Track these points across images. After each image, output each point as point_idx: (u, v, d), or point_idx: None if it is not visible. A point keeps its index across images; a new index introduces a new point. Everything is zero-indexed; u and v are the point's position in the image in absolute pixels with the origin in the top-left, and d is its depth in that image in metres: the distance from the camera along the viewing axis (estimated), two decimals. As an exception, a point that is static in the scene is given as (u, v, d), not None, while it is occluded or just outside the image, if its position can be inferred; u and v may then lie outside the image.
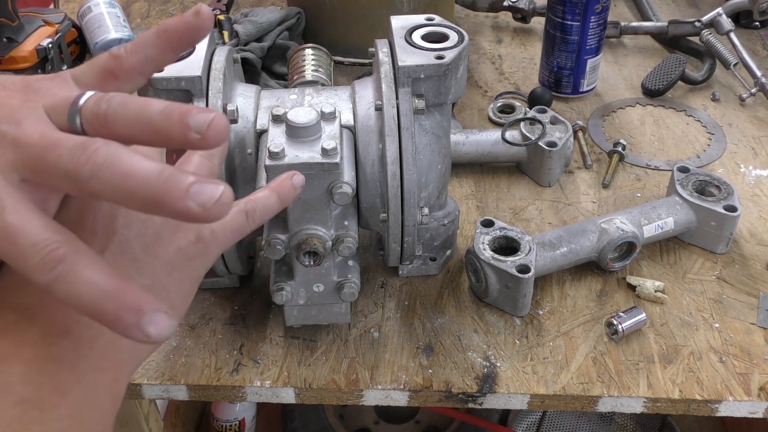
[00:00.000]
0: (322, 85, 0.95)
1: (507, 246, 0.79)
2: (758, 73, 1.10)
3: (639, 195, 0.95)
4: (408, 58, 0.71)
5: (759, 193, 0.95)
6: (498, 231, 0.80)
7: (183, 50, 0.44)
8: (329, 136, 0.66)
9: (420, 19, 0.77)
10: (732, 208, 0.83)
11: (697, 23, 1.19)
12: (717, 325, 0.77)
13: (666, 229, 0.84)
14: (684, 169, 0.88)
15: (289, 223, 0.68)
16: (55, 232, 0.36)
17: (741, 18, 1.28)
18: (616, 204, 0.93)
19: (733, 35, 1.15)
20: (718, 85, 1.17)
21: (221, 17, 1.17)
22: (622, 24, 1.25)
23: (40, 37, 1.13)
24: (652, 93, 1.14)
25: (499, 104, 1.10)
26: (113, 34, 1.19)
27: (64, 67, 1.17)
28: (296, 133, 0.66)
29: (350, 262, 0.73)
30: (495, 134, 0.97)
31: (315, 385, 0.72)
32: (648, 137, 1.06)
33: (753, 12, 1.21)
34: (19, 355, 0.39)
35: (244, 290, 0.82)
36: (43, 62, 1.13)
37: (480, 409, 0.74)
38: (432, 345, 0.76)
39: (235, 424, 1.31)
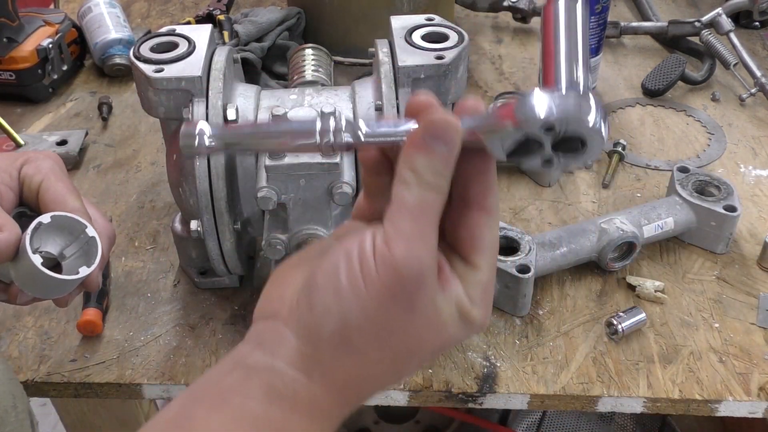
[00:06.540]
0: (322, 85, 0.95)
1: (507, 246, 0.79)
2: (758, 73, 1.10)
3: (639, 195, 0.95)
4: (408, 58, 0.71)
5: (759, 193, 0.95)
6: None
7: None
8: (329, 136, 0.66)
9: (420, 19, 0.77)
10: (732, 208, 0.83)
11: (697, 23, 1.19)
12: (717, 325, 0.77)
13: (666, 229, 0.84)
14: (684, 169, 0.88)
15: (289, 223, 0.68)
16: None
17: (741, 18, 1.28)
18: (616, 204, 0.93)
19: (732, 35, 1.14)
20: (718, 85, 1.17)
21: (221, 17, 1.17)
22: (622, 24, 1.25)
23: (40, 37, 1.13)
24: (652, 93, 1.13)
25: (498, 104, 1.10)
26: (113, 34, 1.19)
27: (64, 68, 1.17)
28: (296, 133, 0.66)
29: (350, 262, 0.72)
30: (495, 134, 0.97)
31: (315, 385, 0.72)
32: (648, 137, 1.06)
33: (753, 12, 1.21)
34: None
35: (244, 290, 0.82)
36: (43, 62, 1.13)
37: (480, 409, 0.74)
38: (432, 345, 0.75)
39: (235, 424, 1.31)
